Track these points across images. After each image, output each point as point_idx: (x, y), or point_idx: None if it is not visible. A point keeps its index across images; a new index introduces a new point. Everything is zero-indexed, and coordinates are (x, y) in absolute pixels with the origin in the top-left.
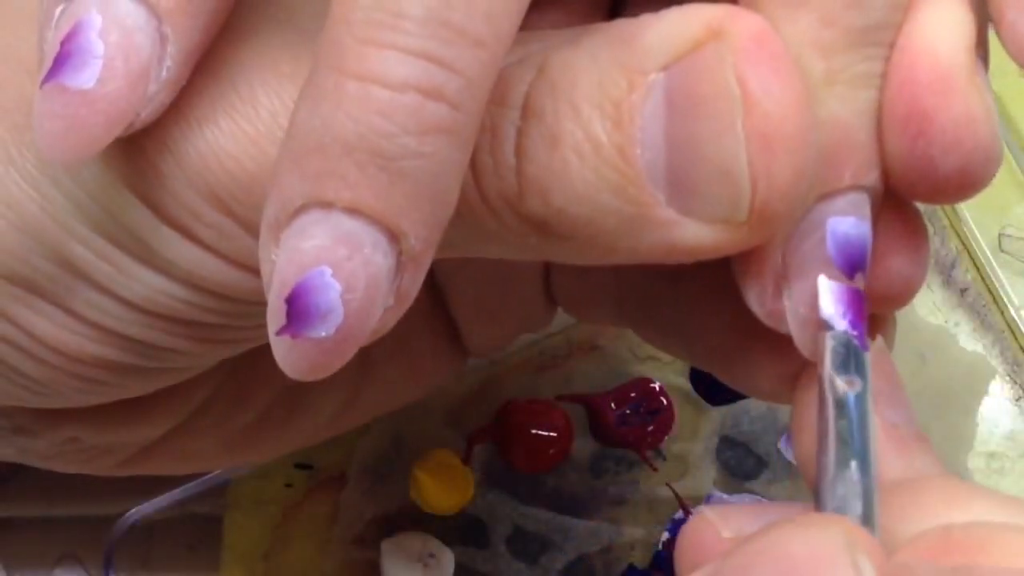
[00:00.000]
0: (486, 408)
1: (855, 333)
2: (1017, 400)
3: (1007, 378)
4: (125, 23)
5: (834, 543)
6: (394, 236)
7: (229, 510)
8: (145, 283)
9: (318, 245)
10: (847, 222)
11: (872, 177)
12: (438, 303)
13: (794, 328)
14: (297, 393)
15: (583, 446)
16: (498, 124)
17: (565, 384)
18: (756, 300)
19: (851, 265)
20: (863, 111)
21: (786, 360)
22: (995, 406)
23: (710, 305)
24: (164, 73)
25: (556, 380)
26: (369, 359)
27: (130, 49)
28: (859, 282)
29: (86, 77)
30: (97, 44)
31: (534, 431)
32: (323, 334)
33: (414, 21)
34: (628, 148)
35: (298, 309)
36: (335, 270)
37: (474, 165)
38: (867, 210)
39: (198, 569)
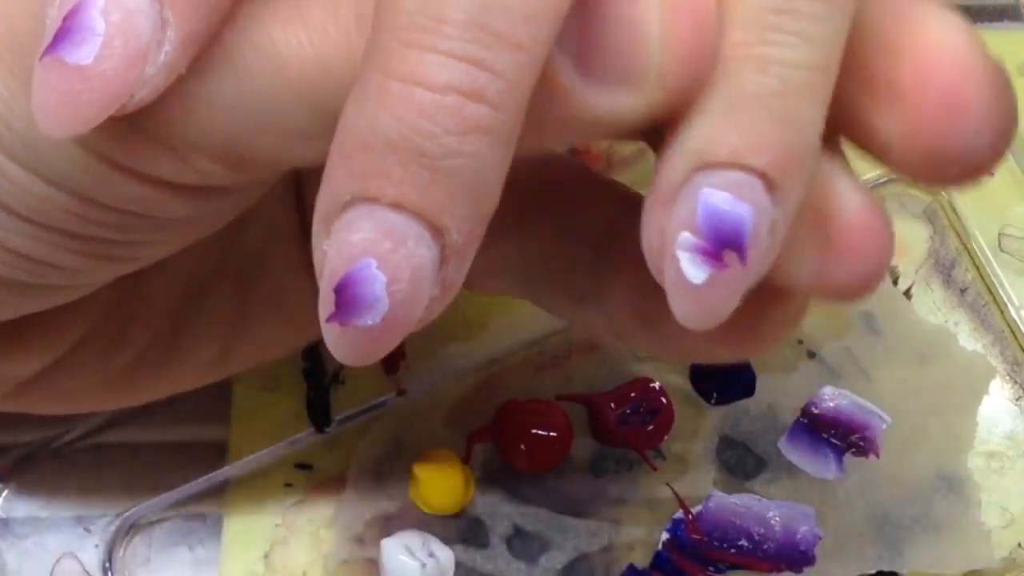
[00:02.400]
0: (486, 408)
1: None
2: (1017, 400)
3: (1007, 378)
4: (127, 5)
5: None
6: (437, 230)
7: (229, 510)
8: (30, 191)
9: (364, 238)
10: (720, 196)
11: (762, 161)
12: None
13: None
14: (174, 337)
15: (583, 446)
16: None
17: (565, 384)
18: (648, 259)
19: (718, 240)
20: (764, 94)
21: (698, 336)
22: (995, 406)
23: (635, 268)
24: (162, 57)
25: (556, 380)
26: (246, 309)
27: (130, 30)
28: (730, 261)
29: (84, 53)
30: (98, 22)
31: (534, 431)
32: (370, 322)
33: (455, 26)
34: None
35: (346, 299)
36: (380, 262)
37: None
38: (752, 194)
39: (198, 569)
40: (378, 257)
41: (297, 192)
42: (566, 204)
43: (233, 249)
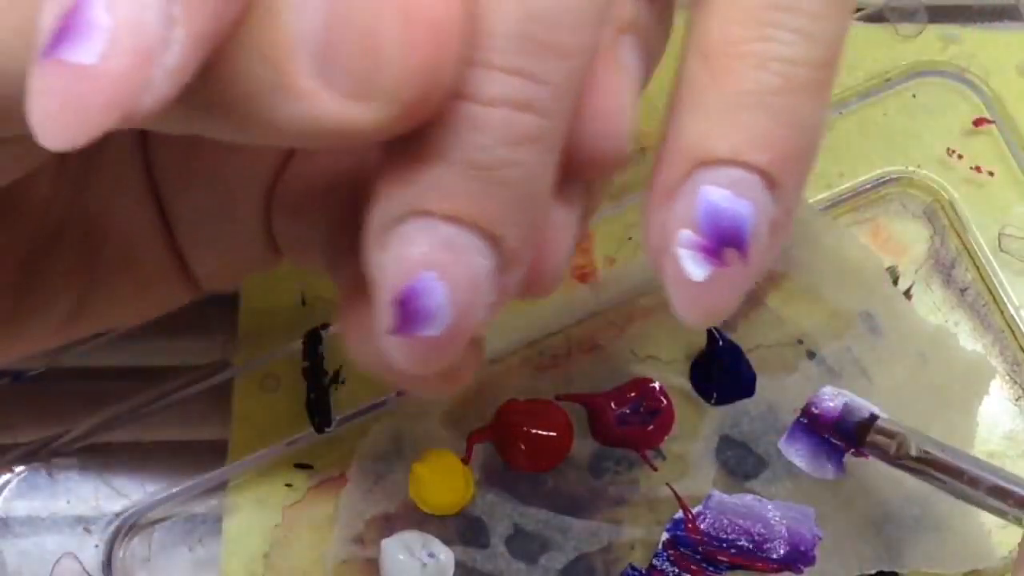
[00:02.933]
0: (486, 408)
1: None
2: (1017, 400)
3: (1007, 378)
4: None
5: None
6: (493, 239)
7: (229, 510)
8: None
9: (422, 251)
10: (720, 193)
11: (762, 159)
12: (165, 226)
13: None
14: (26, 290)
15: (583, 446)
16: None
17: (565, 384)
18: (650, 253)
19: (718, 237)
20: (764, 91)
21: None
22: (995, 406)
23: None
24: (170, 60)
25: (556, 380)
26: (96, 264)
27: (138, 25)
28: (731, 259)
29: (88, 51)
30: (102, 16)
31: (534, 431)
32: (433, 333)
33: (502, 38)
34: (280, 13)
35: (408, 312)
36: (439, 274)
37: None
38: (752, 191)
39: (198, 569)
40: (437, 269)
41: (144, 150)
42: (360, 185)
43: (79, 201)
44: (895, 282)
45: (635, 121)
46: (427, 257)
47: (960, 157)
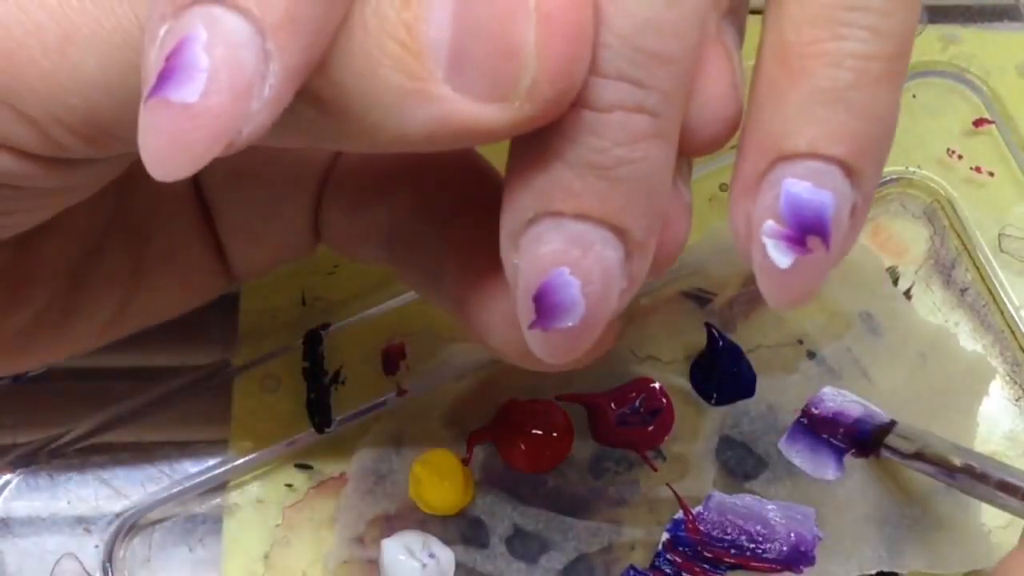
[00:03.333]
0: (486, 408)
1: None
2: (1017, 400)
3: (1007, 378)
4: (230, 38)
5: None
6: (620, 231)
7: (229, 510)
8: None
9: (555, 249)
10: (801, 186)
11: (839, 150)
12: (207, 219)
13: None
14: (72, 294)
15: (583, 446)
16: None
17: (565, 384)
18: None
19: (801, 227)
20: (839, 87)
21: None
22: (995, 406)
23: (466, 253)
24: (267, 92)
25: (556, 380)
26: (141, 265)
27: (235, 64)
28: (814, 246)
29: (190, 91)
30: (202, 58)
31: (534, 431)
32: (570, 324)
33: (611, 49)
34: (415, 24)
35: (546, 307)
36: (572, 269)
37: None
38: (831, 181)
39: (198, 569)
40: (570, 265)
41: None
42: (426, 176)
43: (124, 207)
44: (895, 282)
45: (743, 96)
46: (559, 254)
47: (960, 157)
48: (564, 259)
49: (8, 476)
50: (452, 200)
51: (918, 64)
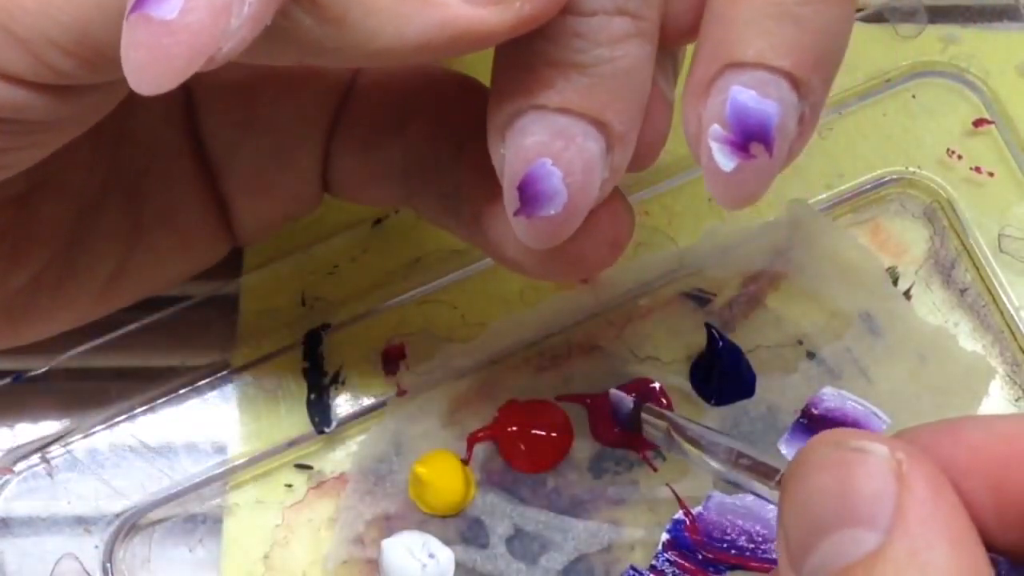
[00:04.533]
0: (486, 408)
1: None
2: (1017, 400)
3: (1007, 378)
4: None
5: None
6: (600, 124)
7: (229, 510)
8: None
9: (538, 140)
10: (747, 94)
11: (786, 63)
12: (208, 179)
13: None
14: (70, 254)
15: (583, 446)
16: None
17: (565, 384)
18: (689, 137)
19: (744, 134)
20: (777, 3)
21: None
22: (995, 406)
23: (481, 172)
24: (246, 9)
25: (556, 380)
26: (139, 223)
27: None
28: (757, 152)
29: (169, 7)
30: None
31: (534, 431)
32: (552, 212)
33: None
34: None
35: (529, 195)
36: (555, 159)
37: None
38: (777, 91)
39: (198, 569)
40: (552, 155)
41: (187, 110)
42: (438, 106)
43: (119, 165)
44: (895, 282)
45: None
46: (542, 145)
47: (960, 158)
48: (547, 150)
49: (8, 476)
50: (463, 124)
51: (918, 64)
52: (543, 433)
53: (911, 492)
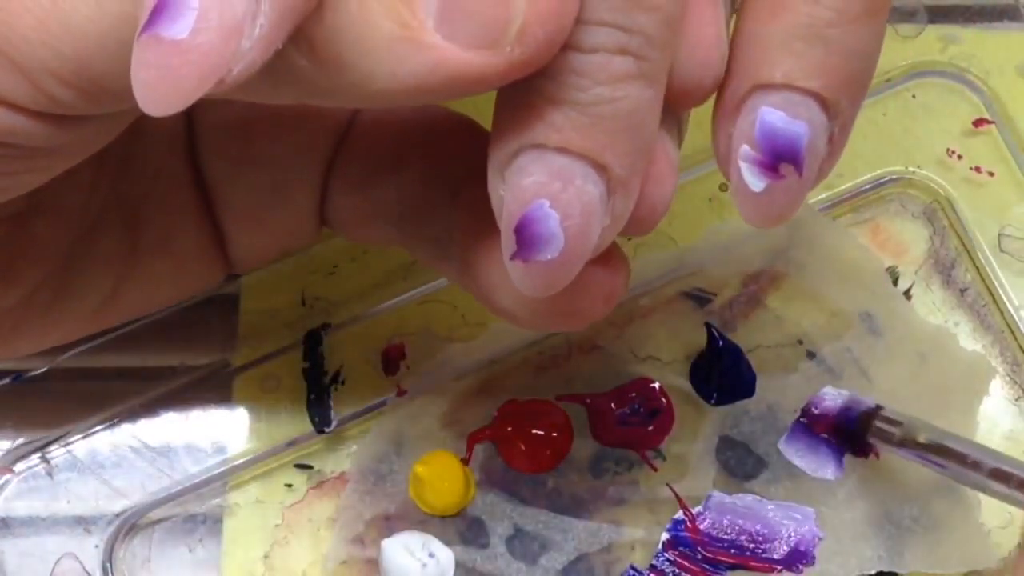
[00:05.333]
0: (486, 408)
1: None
2: (1017, 400)
3: (1007, 378)
4: None
5: None
6: (600, 167)
7: (229, 510)
8: None
9: (536, 181)
10: (776, 115)
11: (815, 84)
12: (206, 208)
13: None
14: (65, 276)
15: (583, 446)
16: None
17: (565, 384)
18: (719, 157)
19: (774, 154)
20: (816, 23)
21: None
22: (995, 406)
23: (475, 218)
24: (257, 30)
25: (556, 380)
26: (136, 248)
27: (225, 3)
28: (786, 173)
29: (180, 27)
30: None
31: (534, 431)
32: (549, 257)
33: (596, 0)
34: None
35: (525, 238)
36: (552, 201)
37: None
38: (806, 112)
39: (198, 569)
40: (550, 197)
41: (189, 139)
42: (435, 148)
43: (120, 189)
44: (895, 282)
45: (726, 46)
46: (540, 186)
47: (960, 157)
48: (544, 191)
49: (8, 476)
50: (460, 168)
51: (918, 64)
52: (543, 433)
53: None
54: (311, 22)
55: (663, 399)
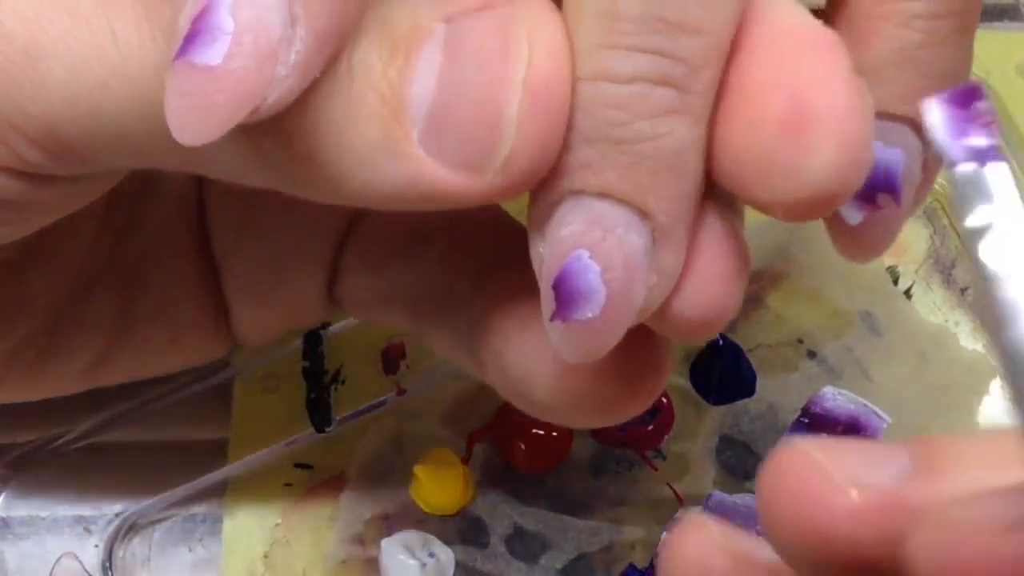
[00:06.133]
0: (486, 408)
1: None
2: None
3: None
4: (257, 1)
5: None
6: (644, 214)
7: (229, 510)
8: None
9: (574, 230)
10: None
11: (910, 111)
12: (210, 278)
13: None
14: (53, 334)
15: (583, 446)
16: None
17: None
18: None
19: (870, 184)
20: (908, 47)
21: (566, 368)
22: (995, 406)
23: (505, 306)
24: (293, 56)
25: None
26: (130, 315)
27: (260, 27)
28: (884, 203)
29: (214, 54)
30: (227, 21)
31: (534, 431)
32: (589, 315)
33: (632, 21)
34: (398, 80)
35: (564, 293)
36: (592, 251)
37: None
38: (902, 139)
39: (198, 569)
40: (589, 247)
41: (198, 209)
42: (459, 232)
43: (122, 251)
44: (895, 282)
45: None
46: (578, 235)
47: None
48: (583, 240)
49: (8, 476)
50: (484, 254)
51: None
52: (543, 433)
53: None
54: (291, 114)
55: (663, 399)
